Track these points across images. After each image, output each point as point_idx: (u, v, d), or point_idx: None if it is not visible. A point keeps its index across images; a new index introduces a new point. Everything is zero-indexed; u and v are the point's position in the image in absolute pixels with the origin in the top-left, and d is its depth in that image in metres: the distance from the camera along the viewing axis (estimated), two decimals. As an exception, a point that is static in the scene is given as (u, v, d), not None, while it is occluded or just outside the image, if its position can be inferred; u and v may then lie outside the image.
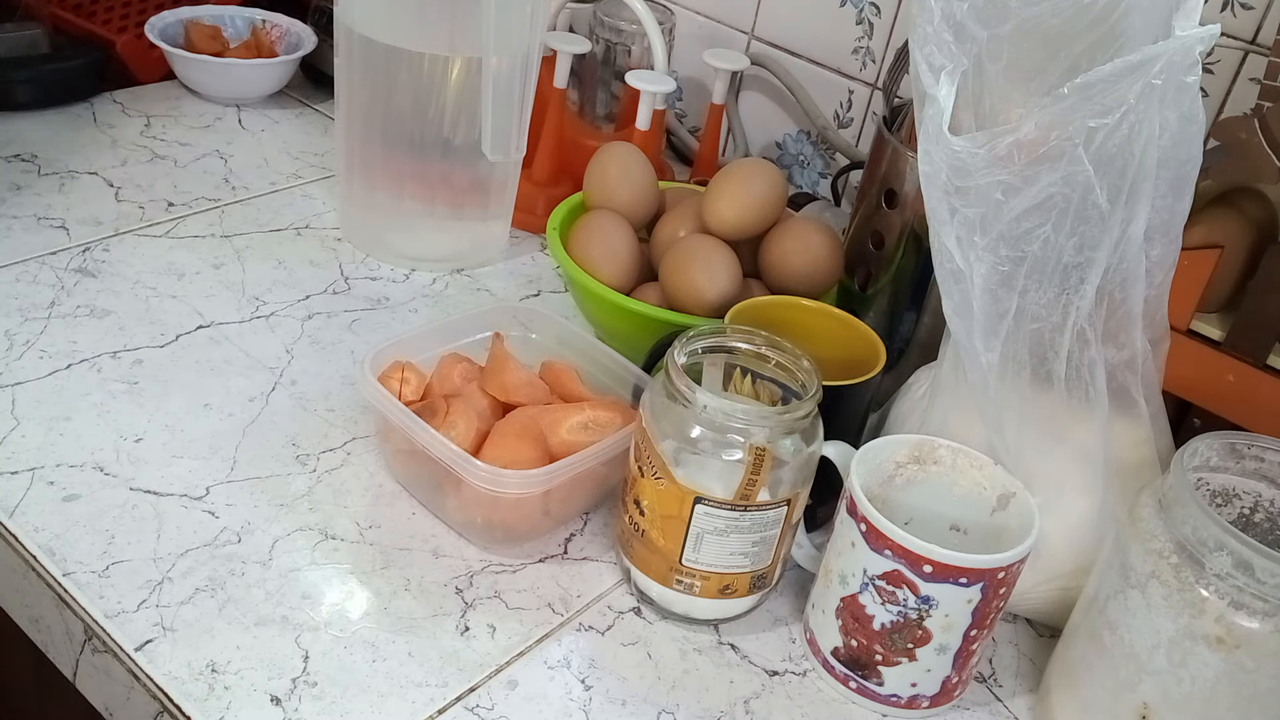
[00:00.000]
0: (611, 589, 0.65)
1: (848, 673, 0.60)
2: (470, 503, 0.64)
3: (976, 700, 0.62)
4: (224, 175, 0.98)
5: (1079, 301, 0.57)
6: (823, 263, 0.79)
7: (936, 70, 0.55)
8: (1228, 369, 0.65)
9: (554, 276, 0.94)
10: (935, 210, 0.57)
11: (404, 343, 0.70)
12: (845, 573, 0.59)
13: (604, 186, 0.83)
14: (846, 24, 1.05)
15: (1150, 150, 0.53)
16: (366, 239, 0.92)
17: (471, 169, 0.88)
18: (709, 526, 0.59)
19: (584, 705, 0.58)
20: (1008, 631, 0.67)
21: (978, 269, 0.57)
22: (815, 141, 1.11)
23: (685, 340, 0.61)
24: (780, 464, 0.58)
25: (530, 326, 0.76)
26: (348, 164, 0.90)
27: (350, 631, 0.59)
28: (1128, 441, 0.62)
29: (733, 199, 0.79)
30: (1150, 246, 0.56)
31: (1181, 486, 0.53)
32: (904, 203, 0.77)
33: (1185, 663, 0.52)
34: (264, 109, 1.11)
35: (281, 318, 0.82)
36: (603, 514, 0.70)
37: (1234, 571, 0.51)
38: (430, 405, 0.67)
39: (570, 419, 0.66)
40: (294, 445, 0.71)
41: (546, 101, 0.97)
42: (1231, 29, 0.83)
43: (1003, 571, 0.56)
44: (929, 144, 0.55)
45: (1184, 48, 0.50)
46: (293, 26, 1.14)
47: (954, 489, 0.62)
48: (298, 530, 0.65)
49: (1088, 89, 0.51)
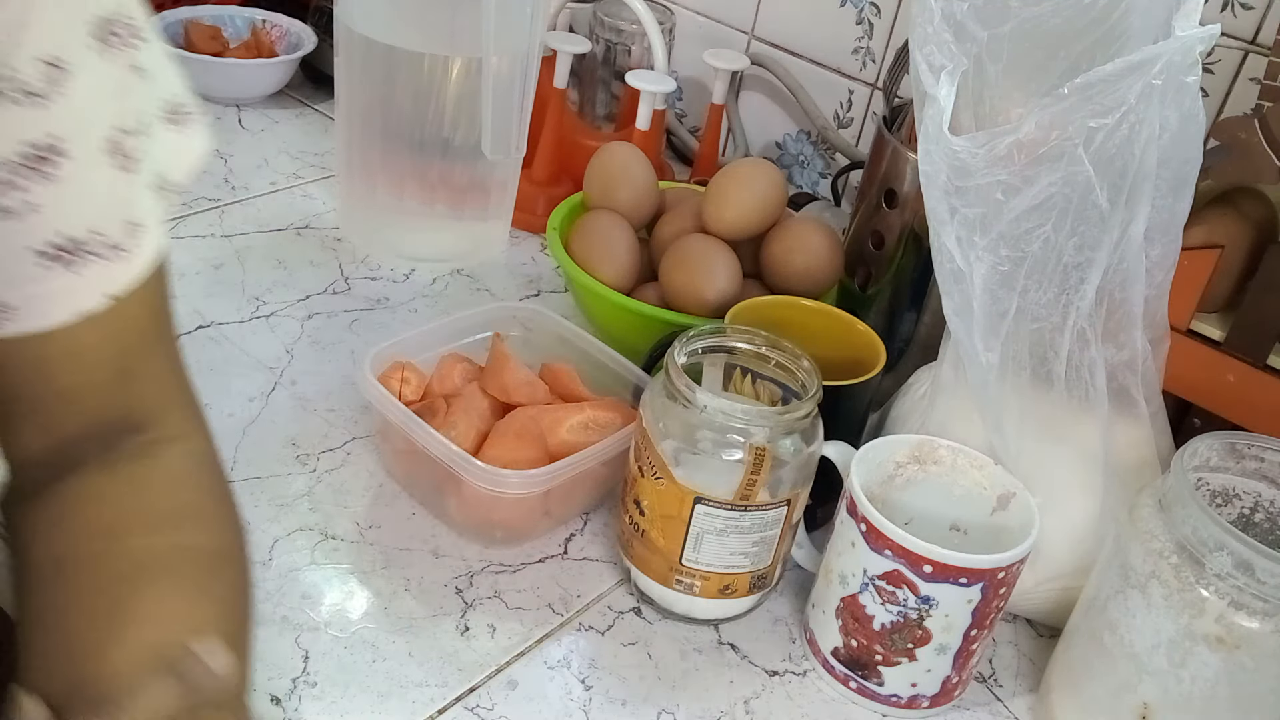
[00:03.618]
0: (611, 589, 0.65)
1: (848, 673, 0.60)
2: (470, 503, 0.64)
3: (976, 700, 0.62)
4: (224, 175, 0.98)
5: (1079, 301, 0.57)
6: (823, 263, 0.79)
7: (936, 70, 0.55)
8: (1228, 369, 0.65)
9: (554, 276, 0.94)
10: (935, 210, 0.57)
11: (404, 343, 0.70)
12: (845, 573, 0.59)
13: (604, 186, 0.83)
14: (846, 24, 1.05)
15: (1150, 150, 0.53)
16: (366, 239, 0.92)
17: (471, 169, 0.88)
18: (709, 526, 0.59)
19: (584, 705, 0.58)
20: (1008, 631, 0.67)
21: (978, 269, 0.57)
22: (815, 141, 1.11)
23: (685, 340, 0.61)
24: (780, 464, 0.58)
25: (530, 326, 0.76)
26: (348, 164, 0.90)
27: (350, 631, 0.59)
28: (1128, 441, 0.62)
29: (733, 199, 0.79)
30: (1150, 246, 0.56)
31: (1181, 486, 0.53)
32: (904, 203, 0.77)
33: (1185, 663, 0.52)
34: (264, 109, 1.11)
35: (281, 318, 0.82)
36: (603, 514, 0.70)
37: (1234, 571, 0.51)
38: (430, 405, 0.67)
39: (570, 419, 0.66)
40: (294, 445, 0.71)
41: (546, 101, 0.97)
42: (1231, 29, 0.83)
43: (1003, 571, 0.56)
44: (929, 144, 0.55)
45: (1184, 48, 0.50)
46: (293, 26, 1.14)
47: (954, 489, 0.62)
48: (298, 530, 0.65)
49: (1088, 89, 0.51)
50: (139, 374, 0.47)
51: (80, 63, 0.41)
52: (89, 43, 0.41)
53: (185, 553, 0.46)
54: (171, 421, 0.49)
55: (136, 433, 0.47)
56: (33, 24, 0.39)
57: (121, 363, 0.46)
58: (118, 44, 0.42)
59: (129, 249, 0.44)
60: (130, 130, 0.44)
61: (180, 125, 0.47)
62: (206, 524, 0.48)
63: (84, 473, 0.46)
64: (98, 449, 0.46)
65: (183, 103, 0.47)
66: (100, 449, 0.46)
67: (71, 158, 0.41)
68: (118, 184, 0.44)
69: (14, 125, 0.40)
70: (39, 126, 0.40)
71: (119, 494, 0.46)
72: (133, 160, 0.44)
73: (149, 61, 0.44)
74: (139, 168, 0.44)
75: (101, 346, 0.45)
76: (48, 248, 0.42)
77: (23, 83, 0.40)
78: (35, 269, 0.42)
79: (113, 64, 0.42)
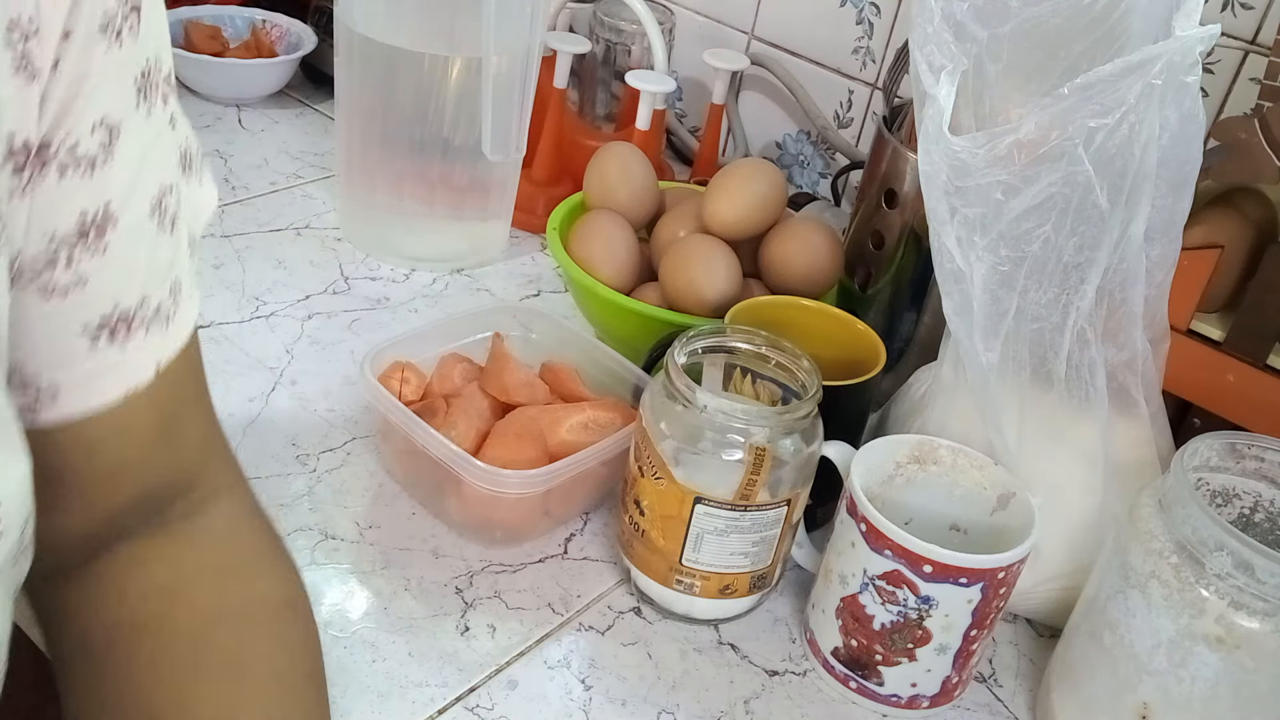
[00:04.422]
0: (611, 589, 0.65)
1: (848, 673, 0.60)
2: (470, 503, 0.64)
3: (976, 700, 0.62)
4: (224, 175, 0.98)
5: (1079, 301, 0.57)
6: (823, 263, 0.79)
7: (936, 70, 0.55)
8: (1228, 369, 0.65)
9: (554, 276, 0.94)
10: (935, 210, 0.57)
11: (404, 343, 0.70)
12: (845, 573, 0.59)
13: (604, 186, 0.83)
14: (846, 24, 1.05)
15: (1150, 150, 0.53)
16: (366, 239, 0.92)
17: (471, 169, 0.88)
18: (709, 526, 0.59)
19: (584, 705, 0.58)
20: (1008, 631, 0.67)
21: (978, 269, 0.57)
22: (815, 141, 1.11)
23: (685, 340, 0.61)
24: (780, 464, 0.58)
25: (530, 326, 0.76)
26: (348, 164, 0.90)
27: (350, 631, 0.59)
28: (1128, 441, 0.62)
29: (733, 199, 0.79)
30: (1150, 246, 0.56)
31: (1181, 486, 0.53)
32: (904, 203, 0.77)
33: (1185, 663, 0.52)
34: (264, 109, 1.11)
35: (281, 318, 0.82)
36: (603, 514, 0.70)
37: (1234, 571, 0.51)
38: (430, 405, 0.67)
39: (570, 419, 0.66)
40: (294, 445, 0.71)
41: (546, 101, 0.96)
42: (1231, 29, 0.83)
43: (1003, 571, 0.56)
44: (929, 144, 0.55)
45: (1184, 48, 0.50)
46: (293, 26, 1.14)
47: (954, 489, 0.62)
48: (298, 530, 0.65)
49: (1088, 89, 0.51)
50: (182, 435, 0.45)
51: (129, 119, 0.38)
52: (134, 98, 0.38)
53: (255, 605, 0.45)
54: (215, 474, 0.47)
55: (184, 493, 0.46)
56: (92, 86, 0.36)
57: (167, 428, 0.44)
58: (155, 95, 0.40)
59: (174, 313, 0.42)
60: (167, 186, 0.41)
61: (191, 174, 0.44)
62: (268, 573, 0.47)
63: (133, 540, 0.44)
64: (146, 516, 0.44)
65: (194, 149, 0.44)
66: (148, 515, 0.44)
67: (122, 223, 0.38)
68: (160, 245, 0.41)
69: (73, 197, 0.37)
70: (95, 194, 0.37)
71: (176, 554, 0.44)
72: (171, 217, 0.41)
73: (176, 108, 0.42)
74: (177, 224, 0.42)
75: (148, 417, 0.42)
76: (96, 323, 0.39)
77: (84, 152, 0.37)
78: (83, 347, 0.39)
79: (152, 117, 0.39)
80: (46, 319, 0.38)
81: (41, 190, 0.36)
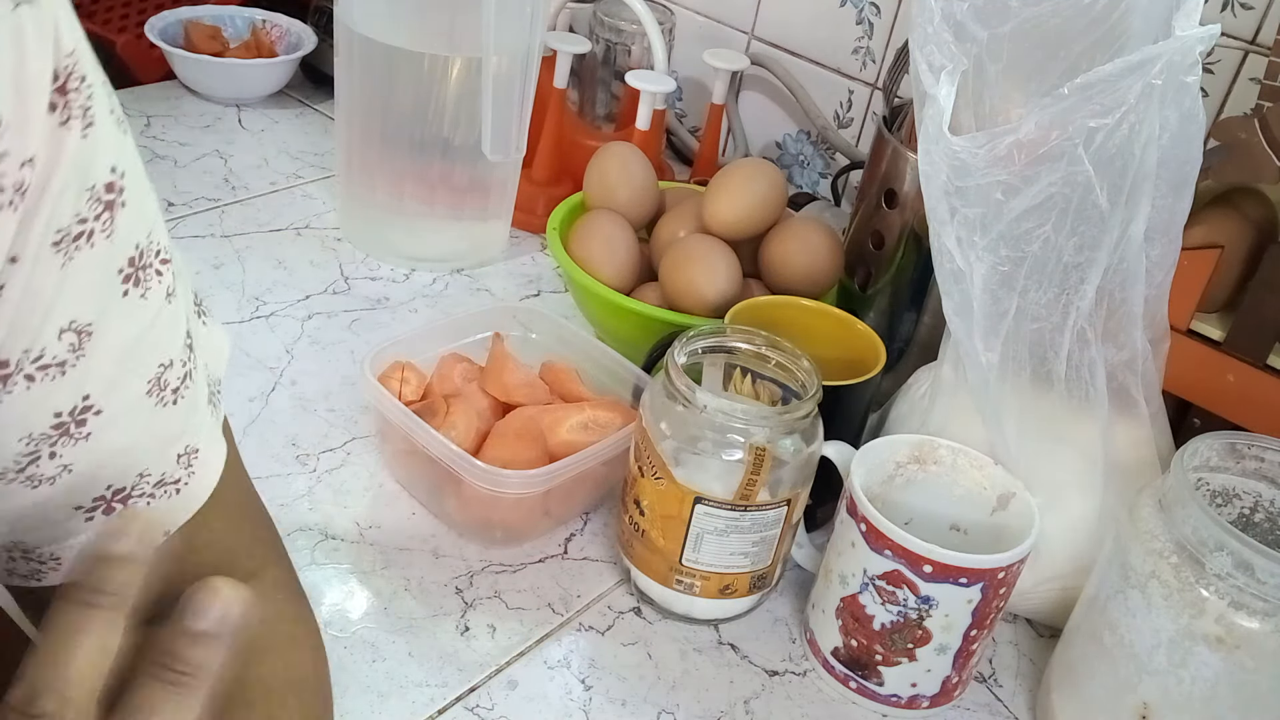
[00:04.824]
0: (611, 589, 0.65)
1: (848, 673, 0.60)
2: (470, 503, 0.64)
3: (976, 700, 0.62)
4: (224, 175, 0.98)
5: (1079, 301, 0.57)
6: (823, 263, 0.79)
7: (936, 70, 0.55)
8: (1228, 369, 0.65)
9: (554, 276, 0.94)
10: (935, 210, 0.57)
11: (404, 343, 0.70)
12: (845, 573, 0.59)
13: (604, 186, 0.83)
14: (846, 24, 1.05)
15: (1150, 150, 0.53)
16: (366, 239, 0.92)
17: (471, 169, 0.88)
18: (709, 526, 0.59)
19: (584, 705, 0.58)
20: (1008, 631, 0.67)
21: (978, 269, 0.57)
22: (815, 141, 1.11)
23: (685, 340, 0.61)
24: (780, 464, 0.58)
25: (530, 326, 0.76)
26: (348, 164, 0.90)
27: (350, 631, 0.59)
28: (1128, 441, 0.62)
29: (733, 199, 0.79)
30: (1150, 246, 0.56)
31: (1181, 486, 0.53)
32: (904, 203, 0.77)
33: (1185, 663, 0.52)
34: (264, 109, 1.11)
35: (281, 318, 0.82)
36: (603, 514, 0.70)
37: (1234, 571, 0.51)
38: (430, 405, 0.67)
39: (570, 419, 0.66)
40: (294, 445, 0.71)
41: (546, 101, 0.97)
42: (1231, 29, 0.83)
43: (1003, 571, 0.56)
44: (929, 144, 0.55)
45: (1184, 48, 0.50)
46: (293, 26, 1.14)
47: (954, 489, 0.62)
48: (298, 530, 0.64)
49: (1088, 89, 0.51)
50: (207, 542, 0.43)
51: (108, 312, 0.36)
52: (115, 290, 0.36)
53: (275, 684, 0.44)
54: (245, 559, 0.46)
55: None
56: (49, 301, 0.34)
57: (187, 546, 0.42)
58: (148, 277, 0.37)
59: (183, 480, 0.41)
60: (169, 361, 0.39)
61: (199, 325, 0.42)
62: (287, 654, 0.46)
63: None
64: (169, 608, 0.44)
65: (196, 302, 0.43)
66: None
67: (107, 412, 0.37)
68: (159, 420, 0.39)
69: (47, 399, 0.35)
70: (70, 393, 0.36)
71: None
72: (173, 390, 0.39)
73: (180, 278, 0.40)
74: (184, 393, 0.40)
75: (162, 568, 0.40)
76: (88, 505, 0.38)
77: (51, 358, 0.35)
78: (80, 523, 0.38)
79: (146, 301, 0.37)
80: (39, 506, 0.38)
81: (9, 401, 0.35)
